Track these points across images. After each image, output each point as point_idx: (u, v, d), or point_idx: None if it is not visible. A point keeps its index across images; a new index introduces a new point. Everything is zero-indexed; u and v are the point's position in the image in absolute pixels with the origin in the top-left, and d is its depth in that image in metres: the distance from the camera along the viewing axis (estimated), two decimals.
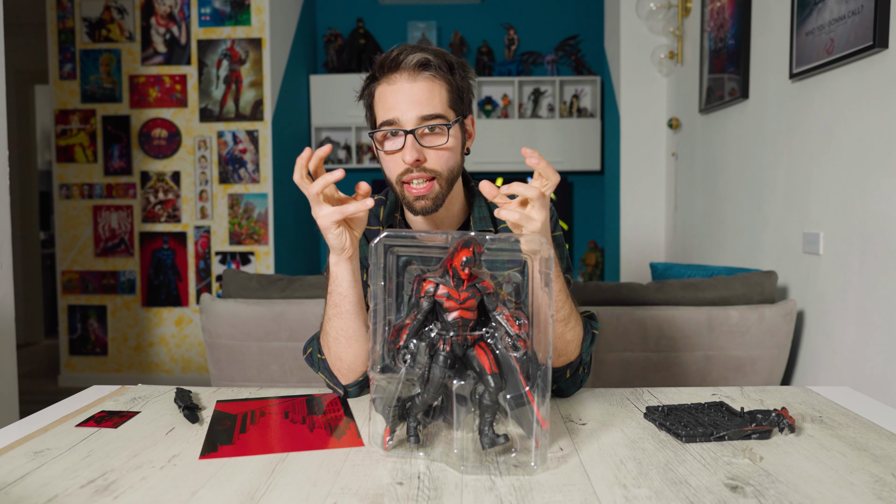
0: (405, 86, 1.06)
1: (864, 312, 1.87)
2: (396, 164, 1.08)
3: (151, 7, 3.79)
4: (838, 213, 1.98)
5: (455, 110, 1.10)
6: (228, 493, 0.72)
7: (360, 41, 4.70)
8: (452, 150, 1.09)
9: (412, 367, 0.78)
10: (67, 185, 3.88)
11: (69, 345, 3.95)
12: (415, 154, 1.05)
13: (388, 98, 1.07)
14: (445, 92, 1.08)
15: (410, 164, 1.05)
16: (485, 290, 0.79)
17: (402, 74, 1.06)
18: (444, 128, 1.07)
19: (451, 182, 1.11)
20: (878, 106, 1.79)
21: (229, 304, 1.99)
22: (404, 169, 1.07)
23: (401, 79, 1.06)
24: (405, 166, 1.06)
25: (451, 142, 1.08)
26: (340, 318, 1.03)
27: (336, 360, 1.06)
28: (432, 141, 1.07)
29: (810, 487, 0.72)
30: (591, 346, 1.12)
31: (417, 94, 1.05)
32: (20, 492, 0.72)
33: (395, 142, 1.08)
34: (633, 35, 3.65)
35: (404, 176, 1.07)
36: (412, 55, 1.06)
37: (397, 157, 1.07)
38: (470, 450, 0.78)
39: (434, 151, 1.07)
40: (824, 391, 1.10)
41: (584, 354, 1.10)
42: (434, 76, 1.06)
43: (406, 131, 1.05)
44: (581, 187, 4.92)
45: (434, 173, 1.07)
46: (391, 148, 1.08)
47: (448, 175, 1.09)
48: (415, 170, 1.06)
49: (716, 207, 2.95)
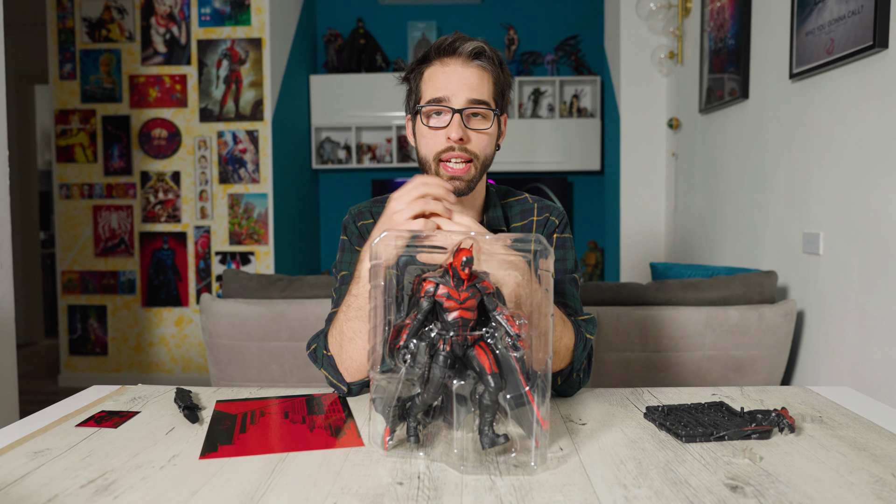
0: (458, 69, 1.11)
1: (864, 312, 1.87)
2: (437, 140, 1.11)
3: (151, 7, 3.79)
4: (838, 213, 1.98)
5: (497, 103, 1.14)
6: (228, 493, 0.72)
7: (360, 41, 4.70)
8: (491, 137, 1.14)
9: (412, 367, 0.78)
10: (67, 185, 3.88)
11: (69, 345, 3.95)
12: (460, 132, 1.09)
13: (440, 78, 1.11)
14: (492, 84, 1.13)
15: (455, 141, 1.09)
16: (485, 290, 0.78)
17: (457, 59, 1.11)
18: (488, 113, 1.12)
19: (485, 170, 1.15)
20: (878, 106, 1.79)
21: (229, 304, 1.99)
22: (446, 146, 1.10)
23: (454, 63, 1.11)
24: (447, 144, 1.10)
25: (492, 129, 1.13)
26: (363, 321, 1.03)
27: (347, 359, 1.07)
28: (476, 124, 1.11)
29: (810, 487, 0.72)
30: (584, 352, 1.12)
31: (469, 79, 1.10)
32: (20, 492, 0.72)
33: (440, 119, 1.12)
34: (633, 35, 3.65)
35: (444, 154, 1.11)
36: (469, 43, 1.11)
37: (440, 133, 1.11)
38: (470, 450, 0.78)
39: (476, 134, 1.11)
40: (824, 391, 1.10)
41: (575, 362, 1.09)
42: (485, 66, 1.12)
43: (455, 110, 1.09)
44: (581, 187, 4.92)
45: (473, 155, 1.11)
46: (436, 125, 1.12)
47: (484, 161, 1.13)
48: (457, 148, 1.10)
49: (716, 207, 2.95)
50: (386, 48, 4.82)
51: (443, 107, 1.10)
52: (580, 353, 1.10)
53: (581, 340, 1.11)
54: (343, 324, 1.06)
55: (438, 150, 1.11)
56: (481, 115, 1.11)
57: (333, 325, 1.09)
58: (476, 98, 1.10)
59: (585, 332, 1.13)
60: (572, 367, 1.09)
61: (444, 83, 1.10)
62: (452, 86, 1.10)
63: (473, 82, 1.10)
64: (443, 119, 1.11)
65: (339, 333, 1.07)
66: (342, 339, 1.06)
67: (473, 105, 1.09)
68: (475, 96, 1.10)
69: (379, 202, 1.27)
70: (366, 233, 1.23)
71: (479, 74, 1.11)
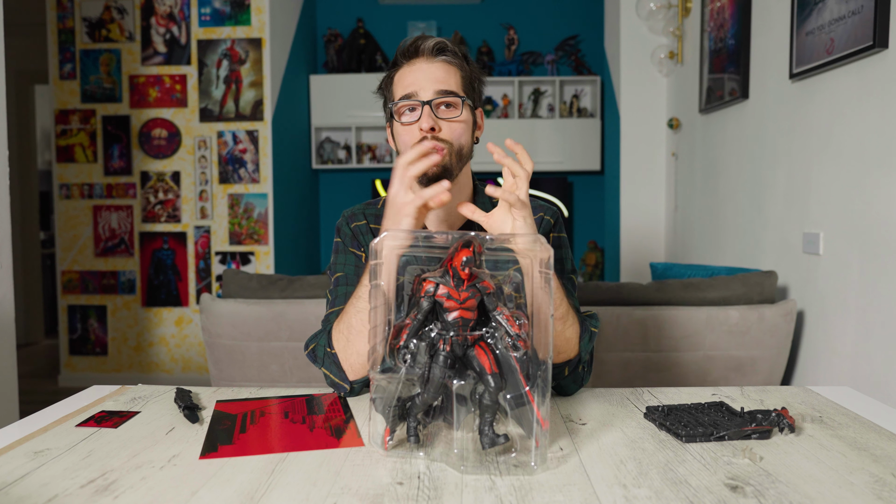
0: (423, 65, 1.14)
1: (864, 312, 1.87)
2: (412, 134, 1.13)
3: (151, 7, 3.79)
4: (838, 213, 1.98)
5: (467, 94, 1.17)
6: (228, 493, 0.72)
7: (360, 41, 4.70)
8: (465, 125, 1.15)
9: (412, 367, 0.78)
10: (67, 185, 3.88)
11: (69, 345, 3.95)
12: (430, 122, 1.11)
13: (407, 77, 1.15)
14: (459, 76, 1.16)
15: (426, 131, 1.11)
16: (485, 290, 0.78)
17: (421, 57, 1.15)
18: (457, 102, 1.14)
19: (462, 159, 1.16)
20: (878, 106, 1.79)
21: (229, 304, 1.99)
22: (419, 138, 1.12)
23: (419, 61, 1.15)
24: (420, 136, 1.12)
25: (463, 116, 1.15)
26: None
27: (353, 354, 1.07)
28: (446, 114, 1.14)
29: (810, 487, 0.72)
30: (590, 343, 1.13)
31: (435, 73, 1.14)
32: (20, 492, 0.72)
33: (412, 115, 1.14)
34: (633, 35, 3.65)
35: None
36: (430, 41, 1.15)
37: (413, 127, 1.13)
38: (470, 450, 0.78)
39: (447, 123, 1.13)
40: (824, 391, 1.10)
41: (582, 352, 1.11)
42: (450, 60, 1.15)
43: (423, 102, 1.12)
44: (581, 187, 4.92)
45: (446, 143, 1.13)
46: (407, 120, 1.14)
47: (458, 149, 1.14)
48: (429, 138, 1.11)
49: (716, 207, 2.95)
50: (386, 48, 4.82)
51: (412, 101, 1.13)
52: (586, 344, 1.11)
53: (586, 332, 1.12)
54: (352, 317, 1.06)
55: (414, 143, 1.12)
56: (452, 104, 1.13)
57: (340, 319, 1.09)
58: (443, 89, 1.12)
59: (590, 325, 1.14)
60: (580, 359, 1.10)
61: (411, 80, 1.14)
62: (419, 81, 1.13)
63: (440, 75, 1.13)
64: (414, 114, 1.13)
65: (346, 327, 1.07)
66: (350, 332, 1.06)
67: (442, 95, 1.12)
68: (442, 87, 1.12)
69: (372, 205, 1.28)
70: (359, 234, 1.24)
71: (444, 68, 1.14)
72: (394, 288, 0.82)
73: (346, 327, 1.07)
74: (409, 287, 0.81)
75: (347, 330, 1.07)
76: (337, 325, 1.09)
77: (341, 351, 1.08)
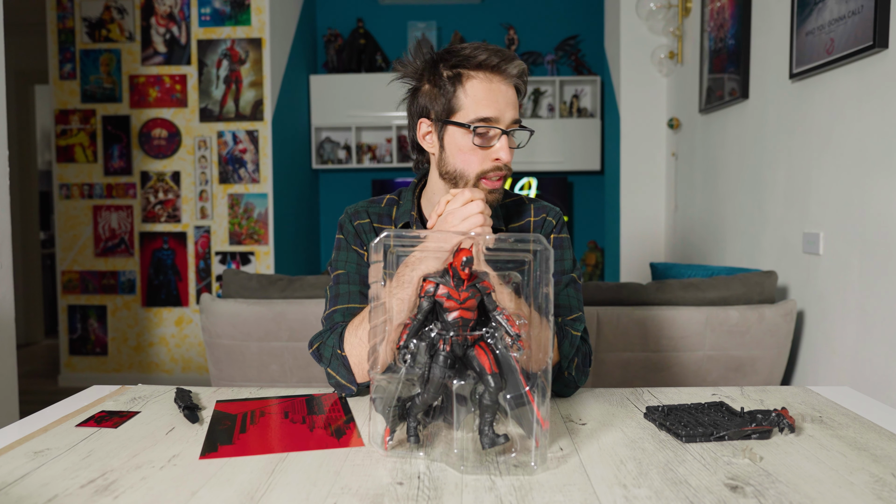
0: (503, 87, 1.12)
1: (864, 312, 1.87)
2: (482, 159, 1.13)
3: (151, 7, 3.79)
4: (838, 213, 1.98)
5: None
6: (228, 493, 0.72)
7: (360, 41, 4.70)
8: None
9: (412, 367, 0.78)
10: (67, 185, 3.88)
11: (69, 345, 3.94)
12: (510, 155, 1.12)
13: (488, 96, 1.11)
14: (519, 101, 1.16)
15: (507, 161, 1.12)
16: (485, 290, 0.79)
17: (502, 76, 1.12)
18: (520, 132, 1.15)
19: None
20: (878, 106, 1.79)
21: (229, 304, 1.99)
22: (493, 166, 1.12)
23: (498, 79, 1.12)
24: (493, 164, 1.12)
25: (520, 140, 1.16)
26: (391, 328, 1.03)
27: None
28: (512, 142, 1.15)
29: (810, 487, 0.72)
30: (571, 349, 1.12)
31: (512, 99, 1.13)
32: (20, 492, 0.72)
33: (486, 139, 1.13)
34: (633, 35, 3.65)
35: (491, 172, 1.13)
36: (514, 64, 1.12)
37: (488, 152, 1.12)
38: (470, 450, 0.78)
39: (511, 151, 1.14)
40: (824, 391, 1.10)
41: (563, 360, 1.10)
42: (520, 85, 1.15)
43: (504, 131, 1.11)
44: (581, 187, 4.92)
45: (508, 169, 1.15)
46: (481, 143, 1.12)
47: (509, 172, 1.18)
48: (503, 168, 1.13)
49: (716, 207, 2.95)
50: (386, 48, 4.82)
51: (493, 126, 1.10)
52: (567, 350, 1.11)
53: (566, 337, 1.11)
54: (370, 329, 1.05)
55: (485, 169, 1.13)
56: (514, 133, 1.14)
57: (358, 326, 1.08)
58: (516, 118, 1.13)
59: (571, 329, 1.14)
60: (560, 366, 1.10)
61: (492, 102, 1.10)
62: (500, 105, 1.10)
63: (514, 102, 1.13)
64: (487, 139, 1.12)
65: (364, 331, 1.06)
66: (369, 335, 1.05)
67: (515, 125, 1.12)
68: (516, 116, 1.13)
69: (375, 202, 1.27)
70: (362, 232, 1.23)
71: (514, 94, 1.13)
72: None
73: (364, 332, 1.06)
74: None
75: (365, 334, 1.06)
76: (354, 329, 1.08)
77: (353, 353, 1.07)
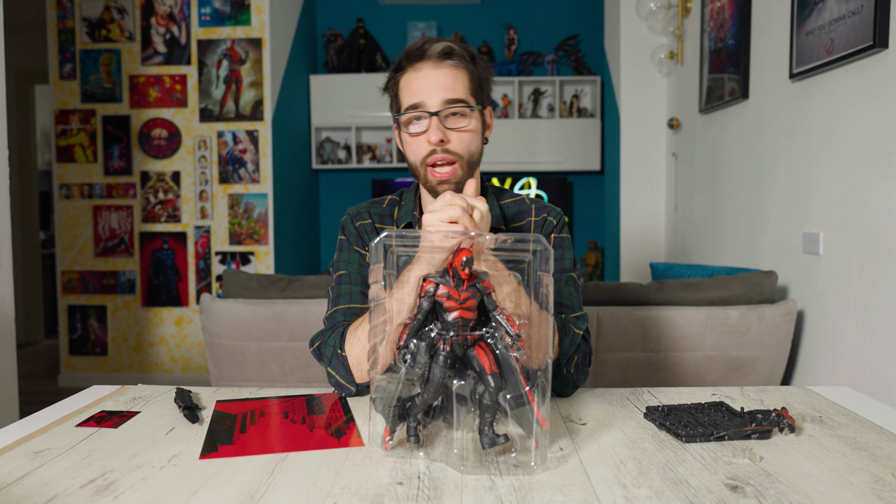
0: (430, 72, 1.11)
1: (864, 312, 1.87)
2: (420, 146, 1.12)
3: (151, 7, 3.79)
4: (838, 213, 1.98)
5: (476, 98, 1.14)
6: (228, 493, 0.72)
7: (360, 41, 4.70)
8: (474, 134, 1.14)
9: (412, 367, 0.78)
10: (67, 185, 3.88)
11: (69, 345, 3.94)
12: (439, 134, 1.09)
13: (414, 84, 1.12)
14: (467, 80, 1.13)
15: (435, 144, 1.10)
16: (485, 290, 0.79)
17: (428, 62, 1.11)
18: (466, 111, 1.12)
19: (472, 166, 1.15)
20: (878, 106, 1.79)
21: (229, 304, 1.99)
22: (428, 151, 1.11)
23: (426, 66, 1.12)
24: (429, 148, 1.11)
25: (472, 125, 1.13)
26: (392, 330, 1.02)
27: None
28: (455, 123, 1.12)
29: (810, 487, 0.72)
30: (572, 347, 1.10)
31: (442, 80, 1.11)
32: (20, 492, 0.72)
33: (420, 125, 1.12)
34: (633, 35, 3.65)
35: (428, 158, 1.12)
36: (437, 44, 1.11)
37: (421, 139, 1.12)
38: (470, 450, 0.78)
39: (457, 133, 1.11)
40: (824, 391, 1.10)
41: (561, 357, 1.08)
42: (457, 64, 1.12)
43: (431, 113, 1.10)
44: (581, 187, 4.92)
45: (456, 156, 1.12)
46: (416, 130, 1.12)
47: (469, 158, 1.14)
48: (438, 151, 1.11)
49: (716, 207, 2.95)
50: (386, 48, 4.82)
51: (420, 112, 1.10)
52: (567, 348, 1.09)
53: (567, 335, 1.10)
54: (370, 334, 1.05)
55: (423, 156, 1.12)
56: (460, 113, 1.11)
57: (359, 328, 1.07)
58: (451, 98, 1.10)
59: (574, 326, 1.13)
60: (559, 363, 1.08)
61: (418, 88, 1.11)
62: (427, 89, 1.10)
63: (447, 82, 1.10)
64: (422, 124, 1.11)
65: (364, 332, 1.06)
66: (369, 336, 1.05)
67: (450, 105, 1.10)
68: (450, 96, 1.10)
69: (377, 203, 1.27)
70: (364, 233, 1.23)
71: (452, 74, 1.11)
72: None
73: (364, 332, 1.06)
74: None
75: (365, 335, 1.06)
76: (353, 330, 1.09)
77: (353, 354, 1.07)
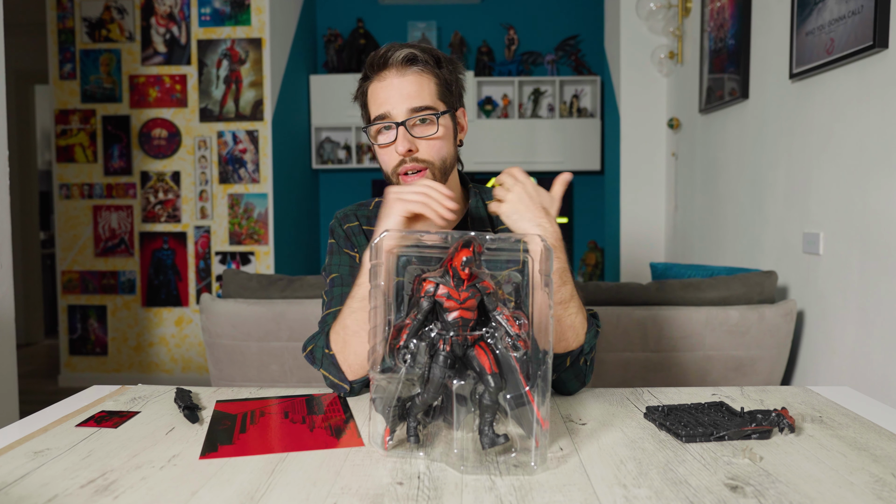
0: (394, 81, 1.10)
1: (864, 312, 1.87)
2: (391, 156, 1.12)
3: (151, 7, 3.79)
4: (838, 213, 1.98)
5: (445, 102, 1.13)
6: (228, 493, 0.72)
7: (360, 41, 4.70)
8: (444, 140, 1.12)
9: (412, 367, 0.78)
10: (67, 185, 3.88)
11: (69, 345, 3.95)
12: (406, 144, 1.09)
13: (380, 94, 1.11)
14: (434, 85, 1.12)
15: (403, 154, 1.09)
16: (485, 290, 0.78)
17: (391, 71, 1.10)
18: (433, 118, 1.10)
19: (445, 172, 1.14)
20: (878, 106, 1.79)
21: (229, 304, 1.99)
22: (398, 161, 1.11)
23: (390, 75, 1.10)
24: (398, 158, 1.10)
25: (441, 131, 1.12)
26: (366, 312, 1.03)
27: (351, 354, 1.06)
28: (423, 131, 1.11)
29: (810, 487, 0.72)
30: (594, 339, 1.11)
31: (406, 88, 1.09)
32: (20, 492, 0.72)
33: (388, 135, 1.12)
34: (633, 35, 3.65)
35: (399, 168, 1.12)
36: (399, 51, 1.10)
37: (391, 149, 1.11)
38: (470, 450, 0.77)
39: (425, 142, 1.11)
40: (824, 391, 1.10)
41: (585, 345, 1.08)
42: (422, 70, 1.11)
43: (397, 123, 1.09)
44: (581, 187, 4.92)
45: (426, 163, 1.11)
46: (384, 141, 1.12)
47: (441, 165, 1.13)
48: (408, 160, 1.10)
49: (716, 207, 2.95)
50: None
51: (386, 122, 1.10)
52: (591, 338, 1.10)
53: (592, 326, 1.10)
54: (346, 317, 1.06)
55: (394, 166, 1.12)
56: (427, 120, 1.10)
57: (337, 321, 1.09)
58: (417, 105, 1.09)
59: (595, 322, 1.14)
60: (581, 350, 1.08)
61: (383, 98, 1.10)
62: (392, 99, 1.09)
63: (412, 90, 1.09)
64: (390, 134, 1.11)
65: (342, 328, 1.07)
66: (346, 333, 1.06)
67: (416, 113, 1.09)
68: (416, 104, 1.09)
69: (364, 206, 1.28)
70: (352, 235, 1.24)
71: (416, 81, 1.10)
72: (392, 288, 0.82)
73: (342, 328, 1.07)
74: (409, 287, 0.81)
75: (343, 331, 1.07)
76: (334, 326, 1.09)
77: (339, 352, 1.08)
